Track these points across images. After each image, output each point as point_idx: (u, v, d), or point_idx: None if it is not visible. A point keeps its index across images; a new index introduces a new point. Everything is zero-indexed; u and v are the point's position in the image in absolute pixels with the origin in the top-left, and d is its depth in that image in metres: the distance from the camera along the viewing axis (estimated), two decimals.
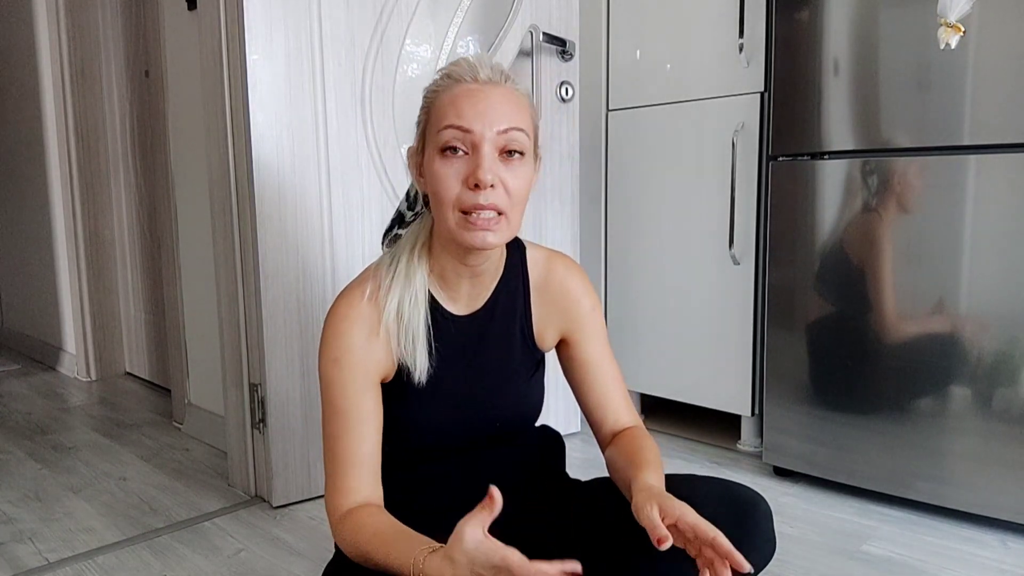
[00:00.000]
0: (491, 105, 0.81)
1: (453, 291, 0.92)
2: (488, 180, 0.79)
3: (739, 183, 1.83)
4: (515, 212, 0.83)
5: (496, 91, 0.83)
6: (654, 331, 2.05)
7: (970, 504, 1.45)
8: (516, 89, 0.86)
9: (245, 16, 1.46)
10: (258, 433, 1.63)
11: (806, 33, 1.58)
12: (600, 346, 0.99)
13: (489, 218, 0.80)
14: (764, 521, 0.85)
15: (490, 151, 0.81)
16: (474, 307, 0.93)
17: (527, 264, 0.97)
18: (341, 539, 0.85)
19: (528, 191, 0.85)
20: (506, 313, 0.95)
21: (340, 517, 0.85)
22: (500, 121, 0.81)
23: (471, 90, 0.82)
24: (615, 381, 0.99)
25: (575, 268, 1.00)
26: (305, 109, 1.55)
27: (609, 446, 0.97)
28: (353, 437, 0.87)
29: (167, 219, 2.17)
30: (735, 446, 1.96)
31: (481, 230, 0.80)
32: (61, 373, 2.96)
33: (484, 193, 0.79)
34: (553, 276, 0.97)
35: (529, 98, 0.89)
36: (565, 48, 1.92)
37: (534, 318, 0.97)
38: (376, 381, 0.89)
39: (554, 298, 0.97)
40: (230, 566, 1.36)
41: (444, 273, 0.90)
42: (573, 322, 0.97)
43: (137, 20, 2.51)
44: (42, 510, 1.62)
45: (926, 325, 1.47)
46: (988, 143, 1.38)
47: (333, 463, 0.87)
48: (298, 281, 1.58)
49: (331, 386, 0.88)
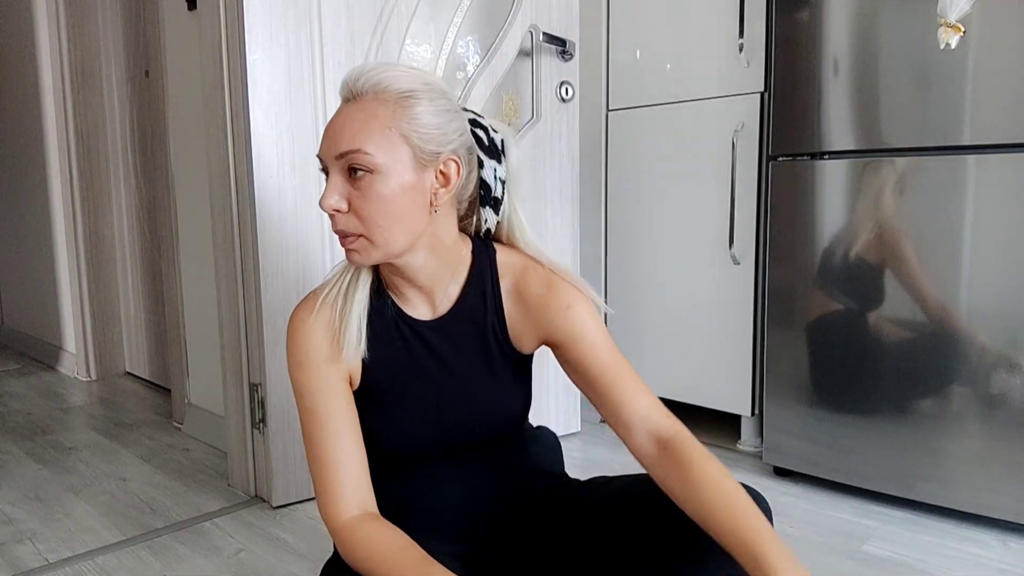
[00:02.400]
0: (336, 128, 0.81)
1: (405, 298, 0.92)
2: (326, 206, 0.81)
3: (739, 183, 1.83)
4: (379, 232, 0.81)
5: (349, 110, 0.81)
6: (654, 331, 2.05)
7: (970, 504, 1.45)
8: (377, 98, 0.81)
9: (245, 16, 1.46)
10: (258, 433, 1.63)
11: (806, 33, 1.58)
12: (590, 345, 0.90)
13: (349, 240, 0.83)
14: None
15: (336, 176, 0.82)
16: (439, 311, 0.92)
17: (497, 267, 0.93)
18: (344, 550, 0.84)
19: (396, 207, 0.81)
20: (475, 316, 0.92)
21: (340, 526, 0.84)
22: (337, 144, 0.81)
23: (337, 111, 0.83)
24: (627, 379, 0.88)
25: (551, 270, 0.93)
26: (305, 109, 1.55)
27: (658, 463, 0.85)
28: (330, 436, 0.87)
29: (167, 219, 2.17)
30: (735, 446, 1.96)
31: (349, 250, 0.84)
32: (61, 373, 2.96)
33: (334, 219, 0.82)
34: (527, 280, 0.92)
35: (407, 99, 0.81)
36: (565, 48, 1.92)
37: (508, 320, 0.93)
38: (342, 381, 0.89)
39: (527, 302, 0.92)
40: (230, 566, 1.36)
41: (388, 281, 0.92)
42: (550, 323, 0.90)
43: (137, 20, 2.51)
44: (42, 510, 1.62)
45: (926, 325, 1.47)
46: (988, 143, 1.38)
47: (317, 467, 0.87)
48: (298, 281, 1.58)
49: (300, 390, 0.88)
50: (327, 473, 0.86)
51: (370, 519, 0.85)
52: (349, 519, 0.84)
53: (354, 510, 0.85)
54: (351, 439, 0.88)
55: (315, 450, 0.87)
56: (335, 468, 0.86)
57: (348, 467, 0.86)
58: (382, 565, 0.80)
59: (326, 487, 0.86)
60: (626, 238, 2.09)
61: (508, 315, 0.93)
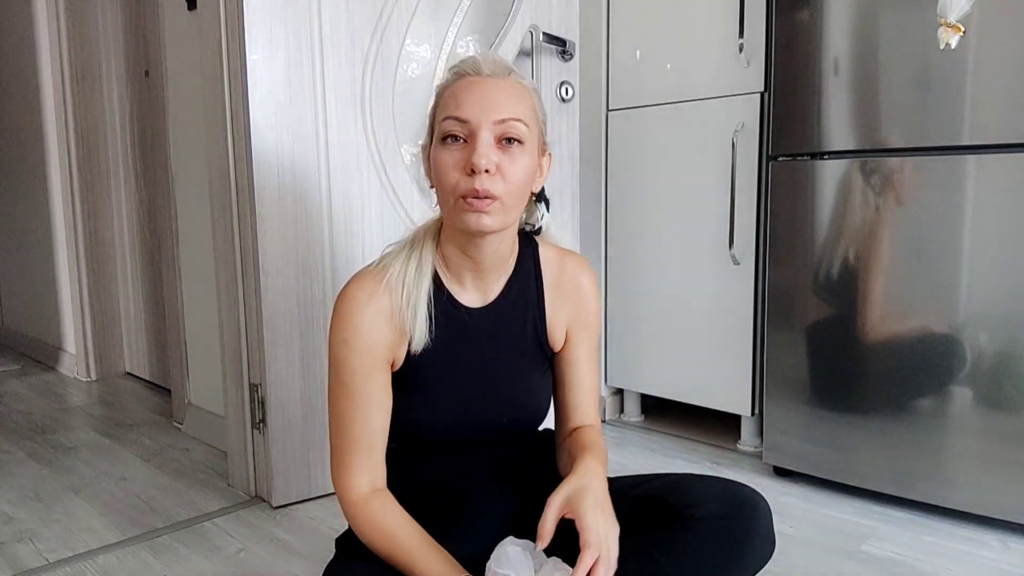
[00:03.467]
0: (488, 95, 0.84)
1: (459, 281, 0.93)
2: (482, 165, 0.81)
3: (739, 183, 1.83)
4: (512, 199, 0.85)
5: (497, 83, 0.85)
6: (654, 331, 2.05)
7: (970, 504, 1.45)
8: (520, 82, 0.88)
9: (245, 16, 1.46)
10: (258, 433, 1.63)
11: (806, 33, 1.58)
12: (591, 349, 1.01)
13: (485, 202, 0.83)
14: (763, 520, 0.86)
15: (487, 138, 0.83)
16: (486, 300, 0.95)
17: (540, 261, 0.99)
18: (355, 524, 0.89)
19: (528, 181, 0.87)
20: (518, 308, 0.96)
21: (355, 501, 0.89)
22: (497, 110, 0.83)
23: (472, 82, 0.85)
24: (593, 386, 1.03)
25: (587, 266, 1.02)
26: (305, 109, 1.55)
27: (567, 438, 1.01)
28: (360, 416, 0.89)
29: (167, 219, 2.17)
30: (735, 446, 1.96)
31: (476, 212, 0.83)
32: (61, 373, 2.96)
33: (479, 178, 0.81)
34: (565, 272, 0.99)
35: (535, 92, 0.90)
36: (565, 48, 1.92)
37: (548, 315, 0.98)
38: (385, 364, 0.91)
39: (566, 292, 0.99)
40: (230, 566, 1.36)
41: (450, 262, 0.93)
42: (578, 318, 0.99)
43: (137, 20, 2.51)
44: (42, 510, 1.62)
45: (926, 325, 1.47)
46: (988, 143, 1.38)
47: (341, 439, 0.90)
48: (298, 281, 1.58)
49: (341, 366, 0.89)
50: (349, 448, 0.89)
51: (380, 496, 0.90)
52: (362, 493, 0.89)
53: (366, 484, 0.89)
54: (380, 420, 0.90)
55: (341, 424, 0.90)
56: (358, 445, 0.89)
57: (371, 447, 0.90)
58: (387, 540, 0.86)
59: (344, 461, 0.90)
60: (626, 238, 2.09)
61: (548, 309, 0.98)
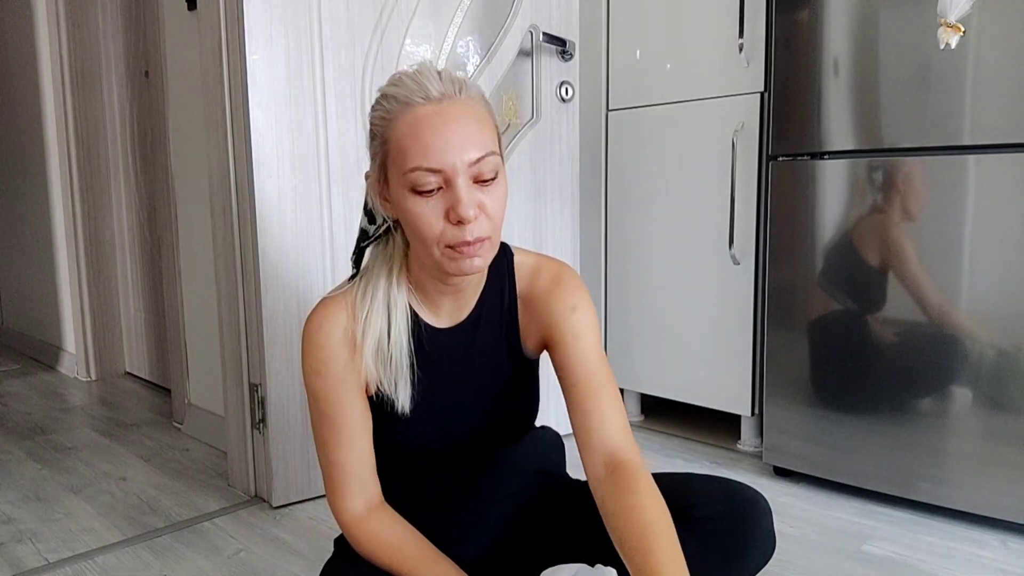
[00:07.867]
0: (455, 132, 0.75)
1: (435, 306, 0.89)
2: (471, 215, 0.75)
3: (739, 183, 1.83)
4: (498, 231, 0.80)
5: (455, 109, 0.76)
6: (654, 331, 2.05)
7: (970, 504, 1.45)
8: (472, 98, 0.79)
9: (245, 16, 1.46)
10: (258, 433, 1.63)
11: (806, 33, 1.58)
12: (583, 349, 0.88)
13: (476, 246, 0.77)
14: (764, 519, 0.85)
15: (465, 184, 0.75)
16: (458, 319, 0.91)
17: (514, 270, 0.93)
18: (356, 543, 0.87)
19: (506, 204, 0.81)
20: (492, 323, 0.92)
21: (349, 521, 0.87)
22: (467, 150, 0.75)
23: (428, 116, 0.75)
24: (606, 393, 0.86)
25: (563, 269, 0.93)
26: (305, 109, 1.55)
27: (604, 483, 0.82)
28: (346, 443, 0.87)
29: (167, 219, 2.17)
30: (735, 446, 1.96)
31: (469, 258, 0.77)
32: (61, 373, 2.96)
33: (468, 228, 0.76)
34: (539, 280, 0.91)
35: (486, 101, 0.82)
36: (565, 48, 1.92)
37: (521, 325, 0.93)
38: (360, 390, 0.88)
39: (535, 296, 0.91)
40: (230, 566, 1.36)
41: (424, 291, 0.88)
42: (554, 318, 0.89)
43: (137, 20, 2.51)
44: (42, 510, 1.62)
45: (926, 324, 1.47)
46: (988, 143, 1.38)
47: (330, 468, 0.88)
48: (298, 281, 1.58)
49: (317, 397, 0.87)
50: (338, 474, 0.88)
51: (378, 511, 0.88)
52: (357, 514, 0.87)
53: (361, 506, 0.88)
54: (363, 443, 0.89)
55: (327, 452, 0.88)
56: (346, 471, 0.88)
57: (360, 470, 0.88)
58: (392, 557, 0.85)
59: (336, 486, 0.88)
60: (626, 238, 2.09)
61: (521, 319, 0.93)
